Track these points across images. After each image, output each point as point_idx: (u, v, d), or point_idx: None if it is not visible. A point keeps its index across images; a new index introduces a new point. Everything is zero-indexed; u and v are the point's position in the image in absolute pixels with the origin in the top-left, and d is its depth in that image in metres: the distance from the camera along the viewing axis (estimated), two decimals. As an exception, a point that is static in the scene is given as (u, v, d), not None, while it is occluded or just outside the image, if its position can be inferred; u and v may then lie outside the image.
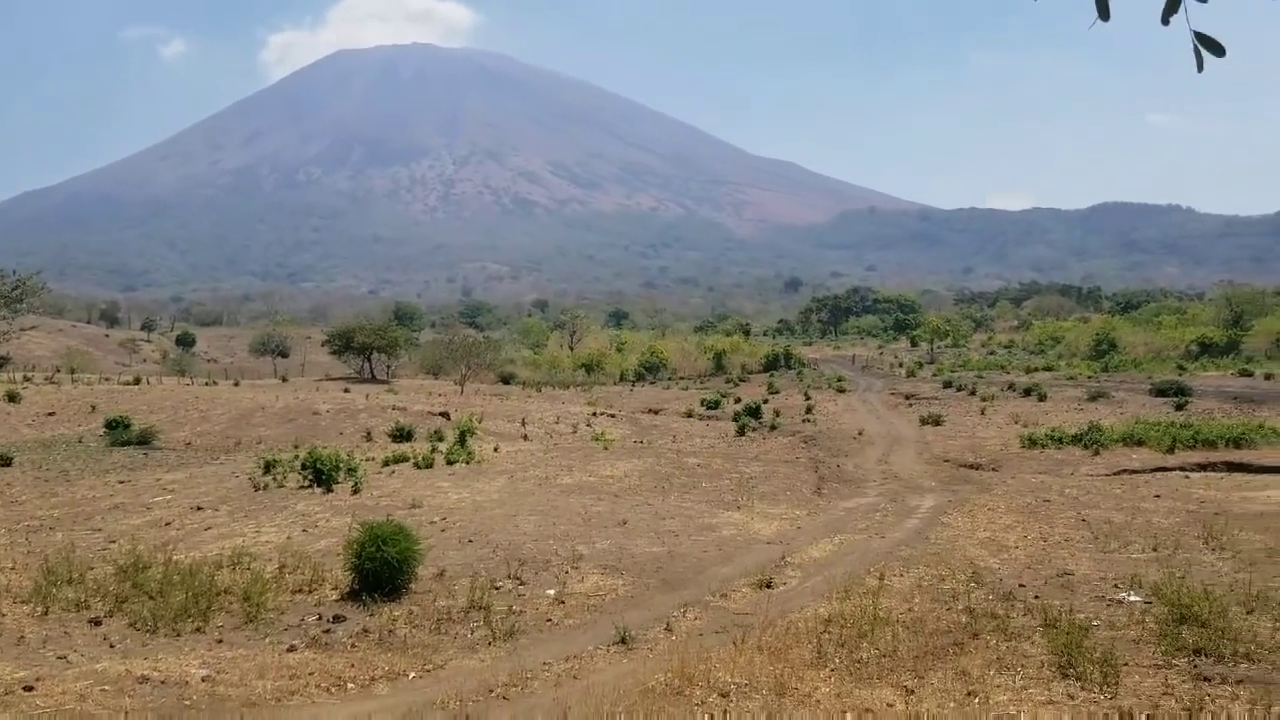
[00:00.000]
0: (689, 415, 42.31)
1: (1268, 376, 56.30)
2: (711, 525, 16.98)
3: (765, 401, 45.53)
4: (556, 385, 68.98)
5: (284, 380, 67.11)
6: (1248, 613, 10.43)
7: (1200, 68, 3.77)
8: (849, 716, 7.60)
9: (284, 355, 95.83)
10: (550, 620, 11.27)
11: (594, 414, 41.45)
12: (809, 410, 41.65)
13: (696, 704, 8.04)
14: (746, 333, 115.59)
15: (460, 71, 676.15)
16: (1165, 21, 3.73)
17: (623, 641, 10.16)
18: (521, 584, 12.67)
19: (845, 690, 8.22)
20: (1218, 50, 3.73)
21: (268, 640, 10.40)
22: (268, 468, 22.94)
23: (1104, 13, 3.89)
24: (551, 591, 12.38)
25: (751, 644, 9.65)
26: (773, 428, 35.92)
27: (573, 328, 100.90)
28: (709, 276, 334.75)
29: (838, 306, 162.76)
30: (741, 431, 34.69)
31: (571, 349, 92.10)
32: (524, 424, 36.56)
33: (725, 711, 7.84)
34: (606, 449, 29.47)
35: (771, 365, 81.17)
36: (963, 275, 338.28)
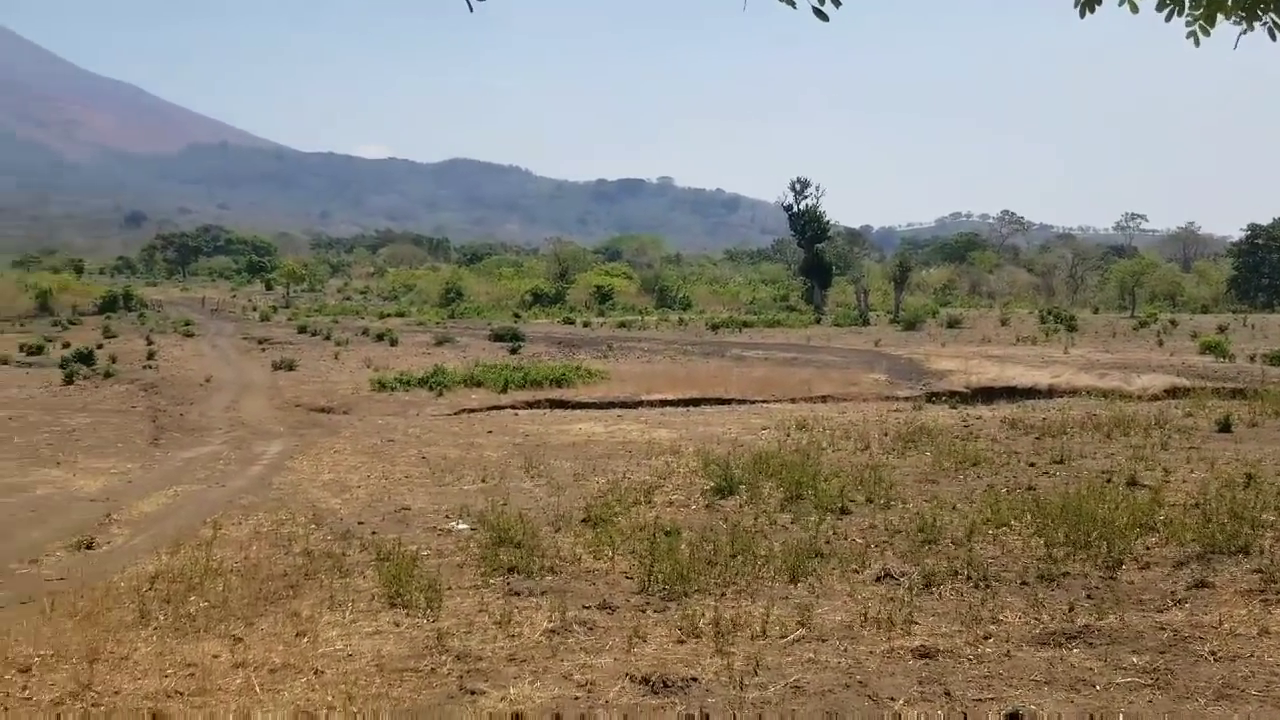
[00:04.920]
0: (4, 362, 37.03)
1: (585, 324, 64.87)
2: (22, 485, 15.06)
3: (100, 346, 41.38)
4: None
5: None
6: (555, 531, 11.77)
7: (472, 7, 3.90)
8: (169, 672, 7.21)
9: None
10: None
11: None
12: (151, 356, 38.70)
13: (-11, 685, 7.08)
14: (79, 270, 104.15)
15: None
16: None
17: (-111, 629, 8.60)
18: None
19: (168, 648, 7.78)
20: None
21: None
22: None
23: None
24: None
25: (62, 611, 8.74)
26: (108, 375, 32.75)
27: None
28: (33, 205, 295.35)
29: (186, 245, 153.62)
30: (70, 379, 31.16)
31: None
32: None
33: (25, 687, 7.00)
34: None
35: (109, 307, 74.10)
36: (319, 220, 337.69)
